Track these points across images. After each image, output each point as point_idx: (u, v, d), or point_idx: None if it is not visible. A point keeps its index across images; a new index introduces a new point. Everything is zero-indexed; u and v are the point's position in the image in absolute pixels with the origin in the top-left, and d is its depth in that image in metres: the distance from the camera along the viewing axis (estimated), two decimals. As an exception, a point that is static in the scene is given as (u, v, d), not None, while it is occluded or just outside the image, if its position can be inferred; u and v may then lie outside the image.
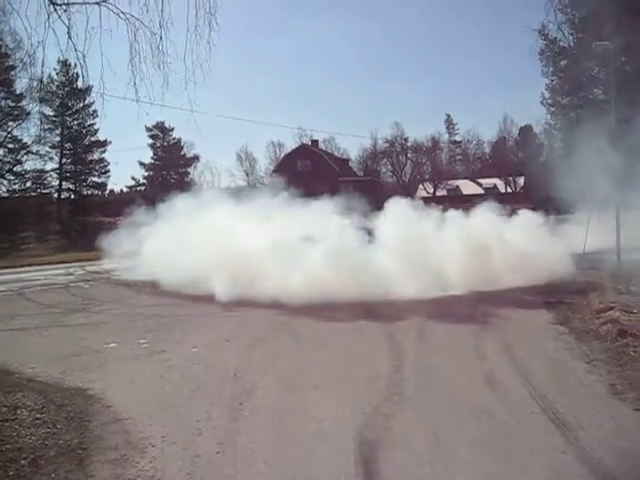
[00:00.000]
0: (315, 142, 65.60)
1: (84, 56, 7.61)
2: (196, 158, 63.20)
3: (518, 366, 8.16)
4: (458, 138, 77.58)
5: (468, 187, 70.22)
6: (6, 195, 50.09)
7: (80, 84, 42.23)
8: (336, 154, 69.97)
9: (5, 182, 50.42)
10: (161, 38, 7.94)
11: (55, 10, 7.24)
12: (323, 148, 67.62)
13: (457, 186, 71.77)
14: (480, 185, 69.75)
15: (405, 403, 6.85)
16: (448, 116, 77.77)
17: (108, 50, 7.78)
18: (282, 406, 6.94)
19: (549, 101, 39.52)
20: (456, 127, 77.62)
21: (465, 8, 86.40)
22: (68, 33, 7.41)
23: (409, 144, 70.47)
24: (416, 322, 11.29)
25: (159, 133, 62.58)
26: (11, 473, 5.12)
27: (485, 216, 16.70)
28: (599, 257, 16.31)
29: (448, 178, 72.14)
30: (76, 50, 7.52)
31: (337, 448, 5.62)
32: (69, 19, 7.36)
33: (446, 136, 76.91)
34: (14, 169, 50.54)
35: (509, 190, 65.31)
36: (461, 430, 6.00)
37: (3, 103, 49.21)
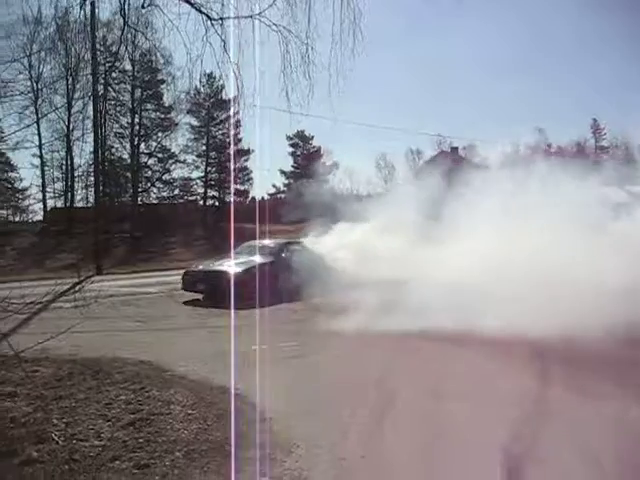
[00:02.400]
0: (455, 149, 64.59)
1: (238, 67, 7.94)
2: (335, 166, 63.97)
3: None
4: (605, 144, 74.10)
5: (617, 194, 66.88)
6: (156, 202, 52.98)
7: (225, 95, 43.77)
8: (476, 161, 68.63)
9: (155, 189, 53.48)
10: (311, 48, 8.15)
11: (212, 25, 7.59)
12: (462, 155, 66.47)
13: (604, 193, 68.43)
14: (630, 192, 66.22)
15: None
16: (594, 121, 74.41)
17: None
18: (427, 413, 6.89)
19: None
20: (603, 132, 74.15)
21: (613, 8, 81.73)
22: (223, 46, 7.76)
23: (552, 150, 68.05)
24: None
25: (299, 141, 63.91)
26: (167, 463, 5.38)
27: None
28: None
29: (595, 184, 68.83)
30: (230, 62, 7.86)
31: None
32: (224, 32, 7.70)
33: (592, 141, 73.63)
34: (163, 177, 53.39)
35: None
36: None
37: (153, 115, 52.17)
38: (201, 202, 56.65)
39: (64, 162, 50.14)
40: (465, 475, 5.23)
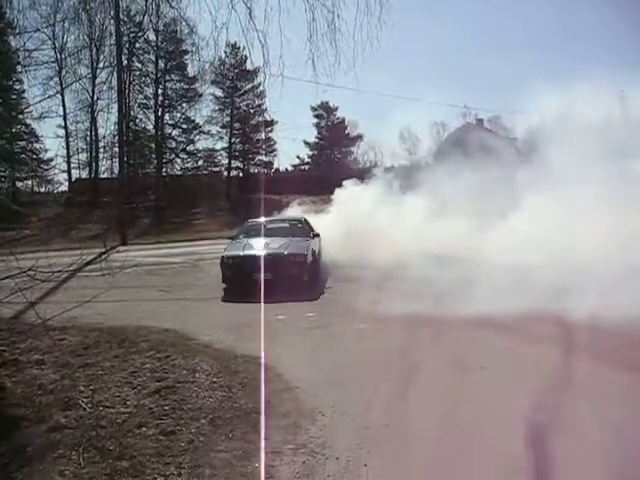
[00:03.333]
0: (480, 121, 63.77)
1: (265, 35, 7.84)
2: (359, 137, 63.45)
3: None
4: (633, 115, 72.79)
5: (644, 167, 65.82)
6: (180, 173, 53.08)
7: (249, 65, 43.47)
8: (502, 133, 67.76)
9: (179, 160, 53.56)
10: (338, 16, 8.02)
11: (238, -8, 7.49)
12: (488, 127, 65.65)
13: (631, 167, 67.32)
14: (657, 166, 65.10)
15: None
16: (622, 92, 72.98)
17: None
18: (451, 384, 6.87)
19: None
20: (630, 104, 72.77)
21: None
22: (249, 14, 7.65)
23: (579, 123, 66.94)
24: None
25: (323, 113, 63.35)
26: (193, 430, 5.43)
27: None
28: None
29: (621, 158, 67.79)
30: (256, 30, 7.76)
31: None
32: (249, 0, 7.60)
33: (619, 113, 72.35)
34: (187, 148, 53.41)
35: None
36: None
37: (177, 86, 52.08)
38: (225, 173, 56.64)
39: (88, 133, 50.23)
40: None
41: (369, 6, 8.05)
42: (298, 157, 64.42)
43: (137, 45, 45.76)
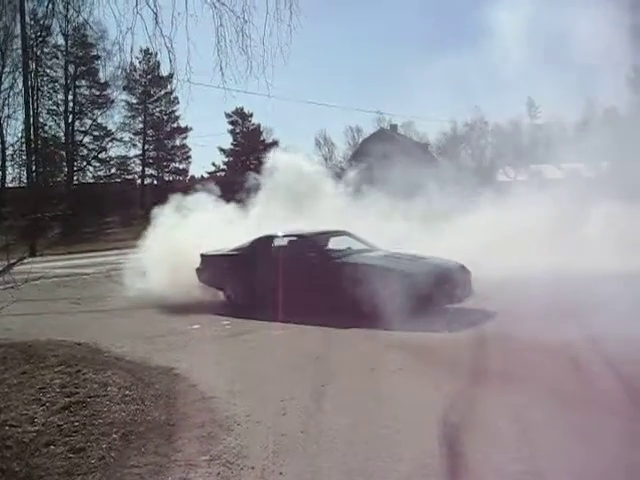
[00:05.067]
0: (394, 127, 64.95)
1: (171, 41, 7.73)
2: (275, 144, 63.54)
3: None
4: (540, 121, 75.44)
5: (550, 171, 68.22)
6: (92, 181, 51.88)
7: (163, 71, 43.00)
8: (415, 139, 69.12)
9: (91, 168, 52.37)
10: (246, 21, 7.98)
11: (143, -4, 7.37)
12: (402, 133, 66.88)
13: (539, 170, 69.72)
14: (563, 169, 67.68)
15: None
16: (530, 98, 75.61)
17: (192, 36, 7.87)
18: (365, 387, 6.96)
19: (636, 81, 38.12)
20: (538, 109, 75.46)
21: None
22: (155, 19, 7.54)
23: (489, 127, 68.97)
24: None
25: (238, 119, 63.22)
26: (104, 446, 5.28)
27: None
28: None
29: (529, 162, 70.14)
30: (163, 35, 7.65)
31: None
32: (155, 4, 7.49)
33: (528, 119, 74.89)
34: (99, 156, 52.28)
35: (592, 175, 63.13)
36: None
37: (88, 92, 50.94)
38: (139, 181, 55.74)
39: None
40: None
41: (279, 12, 8.02)
42: (213, 164, 64.02)
43: (45, 50, 44.44)
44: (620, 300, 8.50)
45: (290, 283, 11.01)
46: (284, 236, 12.68)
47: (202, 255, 13.19)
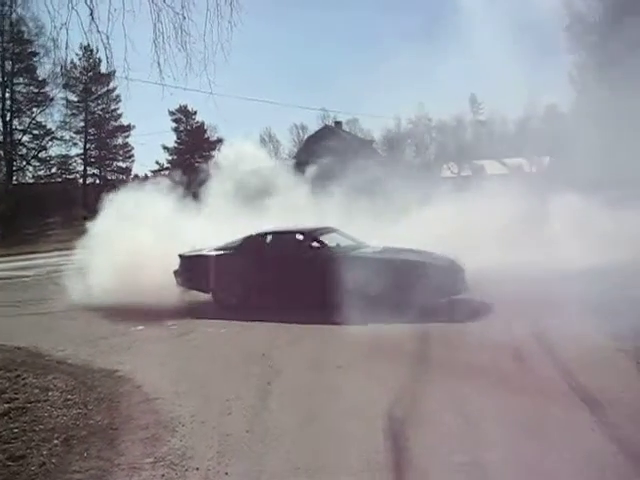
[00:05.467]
0: (338, 124, 65.16)
1: (107, 37, 7.59)
2: (220, 141, 63.16)
3: None
4: (483, 117, 76.59)
5: (493, 167, 69.37)
6: (32, 181, 50.69)
7: (103, 69, 42.12)
8: (360, 135, 69.46)
9: (31, 168, 51.16)
10: (184, 18, 7.89)
11: (78, -10, 7.21)
12: (347, 130, 67.16)
13: (482, 166, 70.80)
14: (505, 165, 68.82)
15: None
16: (473, 95, 76.70)
17: (130, 32, 7.75)
18: (310, 385, 6.97)
19: (576, 79, 39.10)
20: (481, 106, 76.60)
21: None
22: (91, 14, 7.39)
23: (433, 124, 69.75)
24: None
25: (182, 117, 62.66)
26: (44, 452, 5.17)
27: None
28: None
29: (473, 158, 71.11)
30: (99, 31, 7.51)
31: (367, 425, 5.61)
32: (92, 0, 7.34)
33: (471, 115, 75.93)
34: (39, 155, 51.13)
35: (534, 170, 64.40)
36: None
37: (27, 89, 49.69)
38: (81, 180, 54.72)
39: None
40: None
41: (219, 8, 7.94)
42: (157, 162, 63.26)
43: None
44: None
45: (292, 280, 11.04)
46: (279, 233, 12.56)
47: (182, 256, 12.53)
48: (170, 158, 63.21)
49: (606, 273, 10.77)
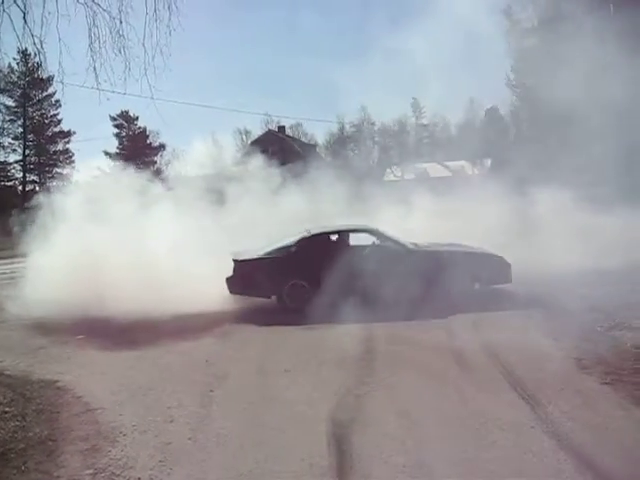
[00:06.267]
0: (282, 128, 65.24)
1: (41, 42, 7.45)
2: (162, 147, 62.53)
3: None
4: (425, 121, 77.54)
5: (436, 170, 70.28)
6: (-32, 189, 49.41)
7: (41, 73, 41.31)
8: (303, 140, 69.63)
9: (-33, 175, 49.73)
10: (121, 22, 7.81)
11: (10, -6, 7.08)
12: (290, 134, 67.26)
13: (425, 169, 71.67)
14: (448, 168, 69.79)
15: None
16: (415, 99, 77.61)
17: (66, 36, 7.64)
18: (254, 390, 6.96)
19: (514, 82, 39.92)
20: (423, 110, 77.53)
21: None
22: (24, 18, 7.25)
23: (376, 128, 70.35)
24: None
25: (124, 122, 61.81)
26: (-20, 467, 5.06)
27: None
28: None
29: (416, 161, 71.86)
30: (33, 35, 7.37)
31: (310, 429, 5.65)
32: (25, 3, 7.21)
33: (413, 119, 76.77)
34: (-24, 162, 49.80)
35: (476, 172, 65.45)
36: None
37: (-40, 96, 48.45)
38: (20, 187, 53.50)
39: None
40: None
41: (157, 12, 7.88)
42: (99, 169, 62.09)
43: None
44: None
45: (368, 279, 10.69)
46: (343, 232, 12.48)
47: (239, 261, 11.89)
48: (112, 164, 62.27)
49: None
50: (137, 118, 61.77)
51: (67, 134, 54.35)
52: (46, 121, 53.82)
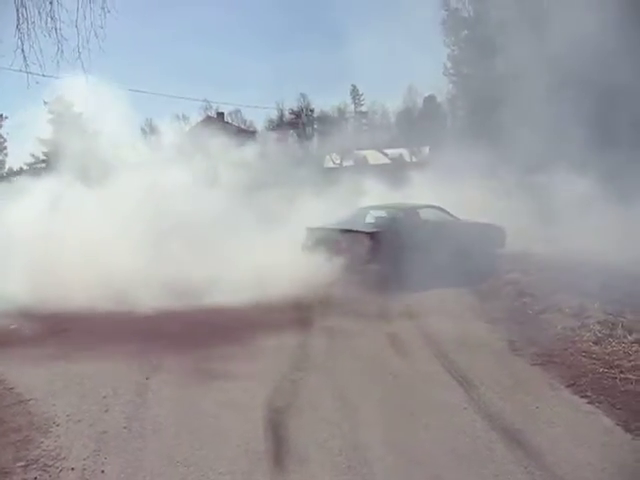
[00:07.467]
0: (221, 115, 64.65)
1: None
2: (98, 132, 61.14)
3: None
4: (364, 109, 77.79)
5: (375, 157, 70.61)
6: None
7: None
8: (242, 126, 69.12)
9: None
10: (51, 3, 7.59)
11: None
12: (229, 121, 66.72)
13: (364, 156, 71.91)
14: (387, 155, 70.23)
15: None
16: (354, 87, 77.78)
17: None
18: (189, 380, 6.94)
19: (451, 71, 40.36)
20: (362, 98, 77.77)
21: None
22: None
23: (315, 115, 70.35)
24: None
25: (59, 107, 60.25)
26: None
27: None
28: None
29: (355, 149, 72.08)
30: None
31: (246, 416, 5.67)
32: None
33: (352, 107, 76.97)
34: None
35: (414, 159, 66.08)
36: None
37: None
38: (-51, 176, 51.73)
39: None
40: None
41: (90, -8, 7.68)
42: (32, 155, 60.42)
43: None
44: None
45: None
46: (420, 207, 14.42)
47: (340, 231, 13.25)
48: (47, 150, 60.60)
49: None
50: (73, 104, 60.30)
51: (-4, 118, 52.68)
52: (-23, 105, 52.09)
